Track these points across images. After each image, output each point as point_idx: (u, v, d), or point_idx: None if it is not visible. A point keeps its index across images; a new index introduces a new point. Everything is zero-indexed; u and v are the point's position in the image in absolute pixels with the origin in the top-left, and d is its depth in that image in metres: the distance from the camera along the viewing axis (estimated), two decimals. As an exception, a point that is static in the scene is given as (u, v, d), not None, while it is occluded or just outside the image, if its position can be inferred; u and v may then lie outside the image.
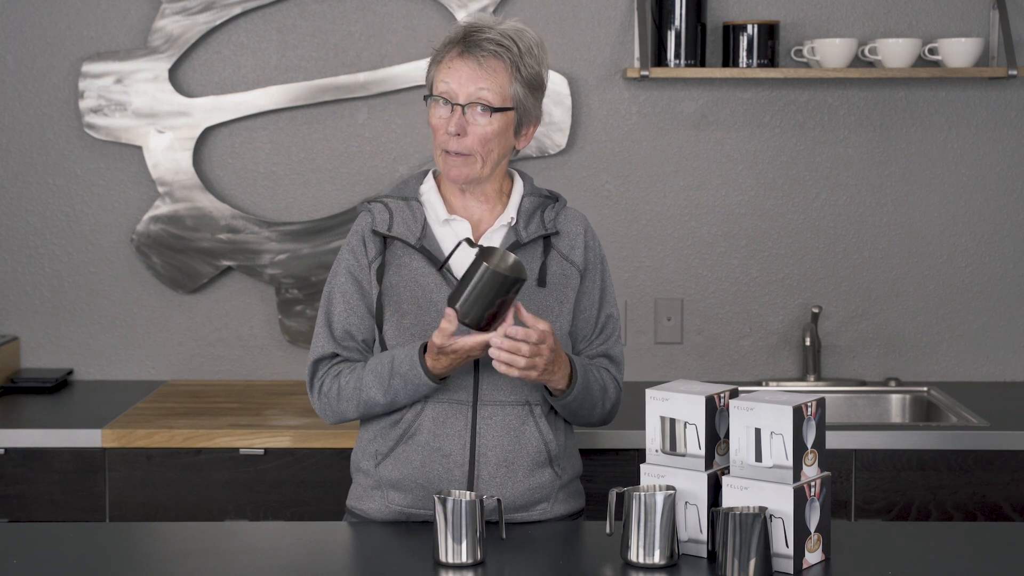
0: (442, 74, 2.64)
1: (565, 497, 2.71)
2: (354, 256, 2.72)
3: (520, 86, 2.64)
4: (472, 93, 2.61)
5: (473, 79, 2.61)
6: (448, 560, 2.37)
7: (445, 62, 2.64)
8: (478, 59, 2.61)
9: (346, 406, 2.67)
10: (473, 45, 2.62)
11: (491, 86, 2.61)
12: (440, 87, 2.63)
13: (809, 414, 2.35)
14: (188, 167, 3.91)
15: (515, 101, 2.64)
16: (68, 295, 3.99)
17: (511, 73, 2.62)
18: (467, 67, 2.61)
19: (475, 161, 2.64)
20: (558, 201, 2.76)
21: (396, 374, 2.60)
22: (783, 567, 2.33)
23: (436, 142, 2.65)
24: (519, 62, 2.63)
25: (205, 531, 2.71)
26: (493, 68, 2.62)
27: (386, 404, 2.64)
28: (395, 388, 2.61)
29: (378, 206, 2.73)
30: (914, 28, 3.91)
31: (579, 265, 2.71)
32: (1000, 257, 3.97)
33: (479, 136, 2.62)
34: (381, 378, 2.62)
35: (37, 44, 3.92)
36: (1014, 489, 3.36)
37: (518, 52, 2.63)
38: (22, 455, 3.40)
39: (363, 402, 2.65)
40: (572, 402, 2.64)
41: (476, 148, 2.63)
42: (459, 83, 2.61)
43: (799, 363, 3.98)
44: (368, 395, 2.64)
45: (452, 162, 2.64)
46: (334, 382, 2.68)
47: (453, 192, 2.72)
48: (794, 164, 3.95)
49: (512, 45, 2.62)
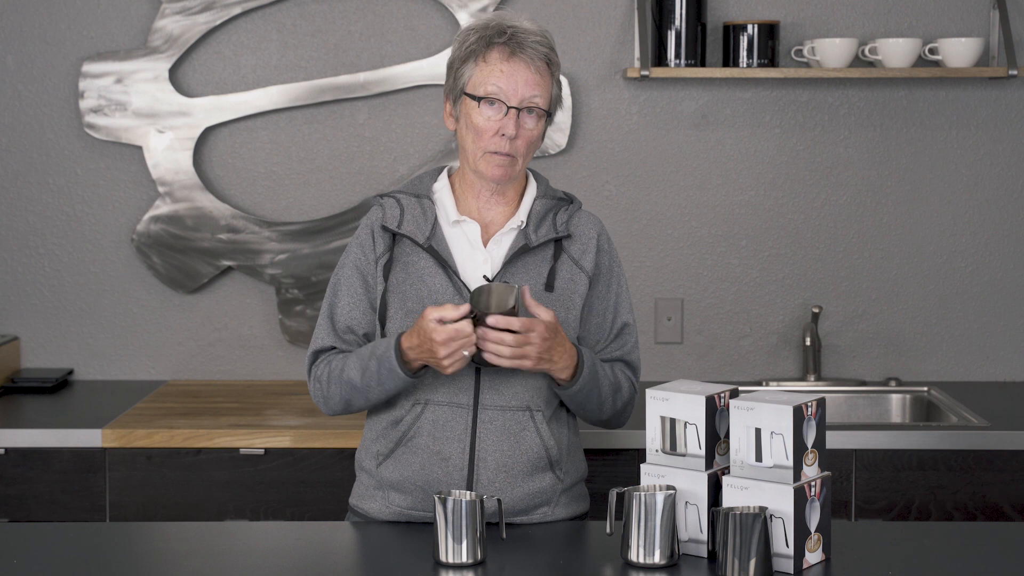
0: (491, 75, 2.60)
1: (568, 501, 2.71)
2: (362, 250, 2.71)
3: (556, 89, 2.67)
4: (527, 98, 2.60)
5: (528, 84, 2.60)
6: (448, 560, 2.37)
7: (493, 63, 2.61)
8: (532, 61, 2.60)
9: (332, 389, 2.67)
10: (522, 46, 2.60)
11: (543, 92, 2.62)
12: (490, 88, 2.60)
13: (809, 414, 2.35)
14: (188, 167, 3.91)
15: (551, 105, 2.66)
16: (68, 295, 3.99)
17: (552, 78, 2.65)
18: (523, 70, 2.60)
19: (517, 162, 2.64)
20: (572, 203, 2.75)
21: (374, 355, 2.60)
22: (783, 567, 2.33)
23: (480, 142, 2.63)
24: (556, 71, 2.66)
25: (205, 531, 2.71)
26: (542, 73, 2.62)
27: (362, 388, 2.62)
28: (371, 371, 2.59)
29: (390, 201, 2.72)
30: (914, 28, 3.91)
31: (588, 271, 2.70)
32: (1000, 257, 3.97)
33: (527, 139, 2.63)
34: (361, 358, 2.62)
35: (37, 44, 3.92)
36: (1014, 489, 3.36)
37: (555, 58, 2.66)
38: (22, 455, 3.40)
39: (343, 383, 2.64)
40: (578, 393, 2.62)
41: (522, 150, 2.63)
42: (514, 86, 2.60)
43: (799, 363, 3.99)
44: (348, 375, 2.63)
45: (498, 162, 2.63)
46: (326, 367, 2.69)
47: (467, 193, 2.70)
48: (794, 164, 3.95)
49: (551, 51, 2.64)
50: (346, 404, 2.68)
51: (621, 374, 2.71)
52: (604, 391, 2.66)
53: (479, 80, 2.61)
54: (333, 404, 2.69)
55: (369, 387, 2.62)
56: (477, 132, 2.62)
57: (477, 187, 2.69)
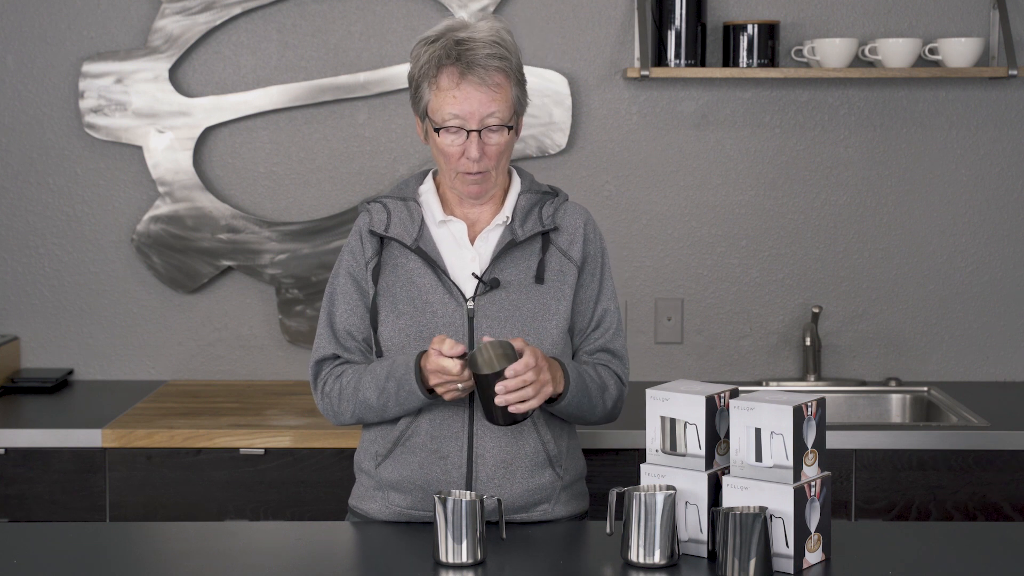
0: (446, 102, 2.59)
1: (568, 498, 2.71)
2: (353, 256, 2.72)
3: (517, 88, 2.64)
4: (484, 118, 2.59)
5: (484, 104, 2.58)
6: (448, 560, 2.37)
7: (445, 87, 2.58)
8: (483, 79, 2.57)
9: (344, 406, 2.67)
10: (472, 64, 2.57)
11: (501, 107, 2.59)
12: (446, 116, 2.59)
13: (809, 414, 2.35)
14: (188, 167, 3.91)
15: (516, 106, 2.64)
16: (68, 295, 3.99)
17: (511, 82, 2.61)
18: (476, 92, 2.58)
19: (491, 176, 2.64)
20: (558, 196, 2.75)
21: (392, 377, 2.60)
22: (783, 567, 2.33)
23: (449, 165, 2.63)
24: (514, 69, 2.62)
25: (205, 531, 2.71)
26: (498, 85, 2.59)
27: (379, 408, 2.63)
28: (388, 392, 2.60)
29: (376, 206, 2.73)
30: (914, 28, 3.91)
31: (576, 260, 2.70)
32: (1000, 257, 3.97)
33: (495, 153, 2.62)
34: (377, 379, 2.62)
35: (37, 44, 3.92)
36: (1014, 489, 3.36)
37: (511, 60, 2.61)
38: (22, 455, 3.40)
39: (359, 402, 2.64)
40: (568, 406, 2.62)
41: (492, 163, 2.63)
42: (469, 110, 2.58)
43: (799, 363, 3.99)
44: (363, 395, 2.63)
45: (471, 180, 2.63)
46: (336, 383, 2.68)
47: (452, 193, 2.71)
48: (794, 164, 3.95)
49: (506, 53, 2.60)
50: (358, 420, 2.69)
51: (605, 371, 2.70)
52: (593, 396, 2.65)
53: (435, 107, 2.60)
54: (344, 419, 2.70)
55: (386, 407, 2.63)
56: (444, 156, 2.63)
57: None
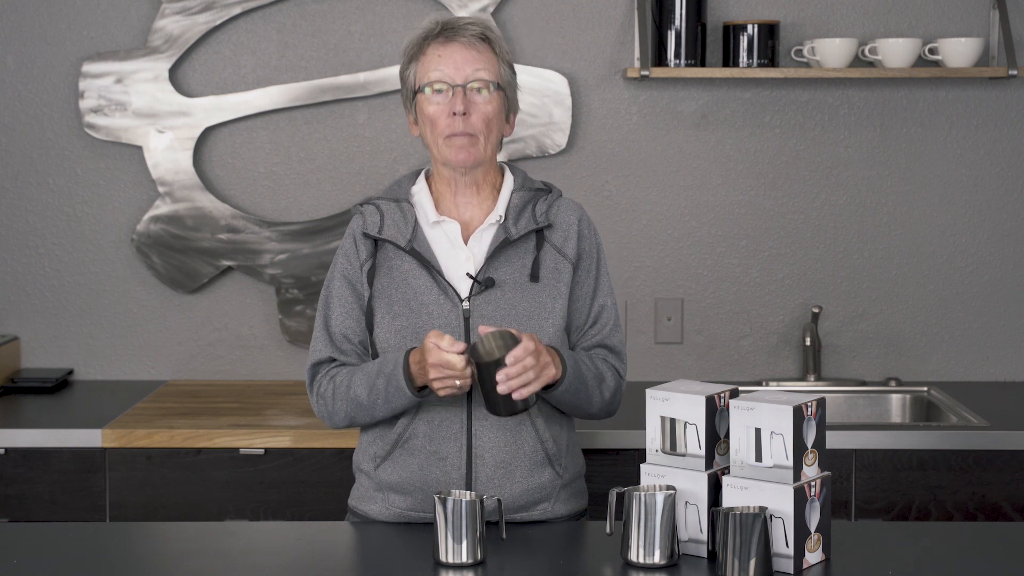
0: (431, 63, 2.65)
1: (567, 497, 2.71)
2: (347, 259, 2.72)
3: (505, 67, 2.68)
4: (470, 74, 2.63)
5: (468, 60, 2.63)
6: (448, 560, 2.37)
7: (430, 53, 2.66)
8: (466, 43, 2.64)
9: (338, 406, 2.67)
10: (456, 32, 2.65)
11: (486, 65, 2.64)
12: (433, 75, 2.64)
13: (809, 414, 2.35)
14: (188, 167, 3.91)
15: (504, 82, 2.67)
16: (68, 295, 3.99)
17: (497, 56, 2.67)
18: (460, 50, 2.64)
19: (479, 141, 2.65)
20: (551, 192, 2.75)
21: (382, 373, 2.60)
22: (783, 567, 2.33)
23: (437, 130, 2.65)
24: (500, 46, 2.69)
25: (205, 531, 2.71)
26: (480, 50, 2.65)
27: (369, 406, 2.62)
28: (378, 389, 2.60)
29: (369, 208, 2.73)
30: (914, 28, 3.91)
31: (571, 257, 2.70)
32: (1000, 257, 3.97)
33: (482, 115, 2.64)
34: (369, 375, 2.62)
35: (37, 44, 3.92)
36: (1014, 489, 3.36)
37: (497, 42, 2.69)
38: (22, 455, 3.40)
39: (350, 400, 2.64)
40: (565, 392, 2.60)
41: (480, 127, 2.64)
42: (455, 66, 2.63)
43: (799, 363, 3.99)
44: (354, 392, 2.63)
45: (459, 143, 2.64)
46: (330, 383, 2.69)
47: (444, 192, 2.71)
48: (794, 164, 3.95)
49: (491, 32, 2.68)
50: (351, 421, 2.68)
51: (603, 363, 2.69)
52: (590, 385, 2.64)
53: (422, 73, 2.66)
54: (338, 420, 2.70)
55: (375, 404, 2.62)
56: (432, 122, 2.65)
57: (453, 182, 2.70)
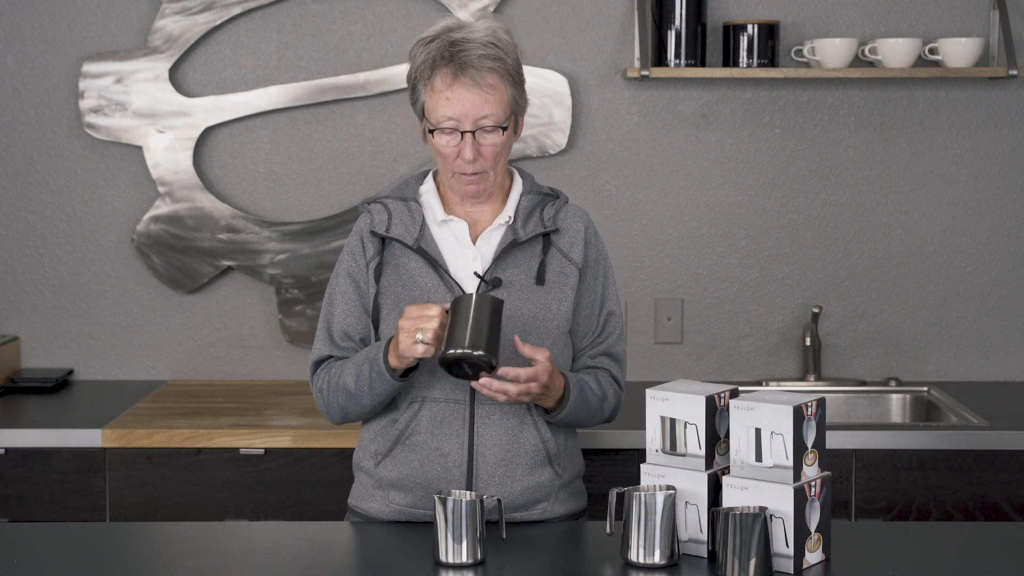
0: (440, 103, 2.59)
1: (566, 496, 2.72)
2: (353, 257, 2.72)
3: (513, 88, 2.63)
4: (478, 120, 2.59)
5: (477, 105, 2.58)
6: (448, 560, 2.37)
7: (439, 88, 2.59)
8: (476, 81, 2.58)
9: (332, 397, 2.68)
10: (466, 65, 2.58)
11: (495, 108, 2.59)
12: (441, 116, 2.59)
13: (809, 414, 2.35)
14: (188, 167, 3.91)
15: (512, 106, 2.64)
16: (68, 295, 3.99)
17: (506, 82, 2.61)
18: (469, 93, 2.58)
19: (488, 176, 2.65)
20: (559, 198, 2.76)
21: (367, 359, 2.61)
22: (783, 567, 2.33)
23: (446, 165, 2.64)
24: (510, 69, 2.62)
25: (205, 531, 2.71)
26: (492, 86, 2.59)
27: (356, 393, 2.62)
28: (363, 375, 2.60)
29: (377, 207, 2.74)
30: (914, 28, 3.91)
31: (578, 263, 2.71)
32: (1000, 257, 3.97)
33: (491, 153, 2.62)
34: (356, 363, 2.63)
35: (37, 44, 3.92)
36: (1014, 489, 3.36)
37: (506, 60, 2.61)
38: (22, 455, 3.40)
39: (340, 389, 2.65)
40: (565, 418, 2.65)
41: (489, 164, 2.63)
42: (463, 111, 2.58)
43: (799, 363, 3.98)
44: (344, 380, 2.64)
45: (468, 181, 2.64)
46: (326, 376, 2.70)
47: (452, 193, 2.72)
48: (794, 164, 3.95)
49: (500, 54, 2.60)
50: (343, 413, 2.69)
51: (606, 379, 2.72)
52: (592, 408, 2.69)
53: (430, 108, 2.62)
54: (333, 413, 2.71)
55: (362, 392, 2.62)
56: (442, 156, 2.64)
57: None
